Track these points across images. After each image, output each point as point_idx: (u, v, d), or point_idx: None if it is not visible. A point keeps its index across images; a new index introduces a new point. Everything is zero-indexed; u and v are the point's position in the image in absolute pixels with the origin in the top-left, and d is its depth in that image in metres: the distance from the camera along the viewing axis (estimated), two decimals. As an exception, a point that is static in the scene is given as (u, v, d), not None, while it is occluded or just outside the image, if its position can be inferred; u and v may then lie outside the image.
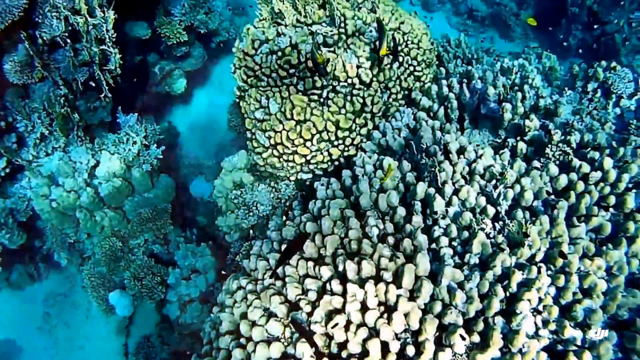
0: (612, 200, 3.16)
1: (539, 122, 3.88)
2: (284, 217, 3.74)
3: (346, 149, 4.11)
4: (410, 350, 2.46)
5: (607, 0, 7.06)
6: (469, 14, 8.46)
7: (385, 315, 2.54)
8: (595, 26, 7.35)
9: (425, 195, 3.05)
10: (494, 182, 3.13)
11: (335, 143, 4.05)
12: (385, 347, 2.47)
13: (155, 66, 6.52)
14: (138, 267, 5.36)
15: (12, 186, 5.55)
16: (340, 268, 2.78)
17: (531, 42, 8.00)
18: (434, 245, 2.87)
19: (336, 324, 2.53)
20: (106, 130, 5.56)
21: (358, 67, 4.12)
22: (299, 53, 4.07)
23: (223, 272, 4.37)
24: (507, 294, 2.61)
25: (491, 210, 2.94)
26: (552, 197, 3.20)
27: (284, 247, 3.20)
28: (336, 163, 4.19)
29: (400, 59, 4.38)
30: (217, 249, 5.43)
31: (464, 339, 2.40)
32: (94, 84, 5.13)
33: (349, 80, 4.06)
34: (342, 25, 4.20)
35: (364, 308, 2.59)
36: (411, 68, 4.47)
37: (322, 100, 4.06)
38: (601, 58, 6.84)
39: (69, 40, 4.87)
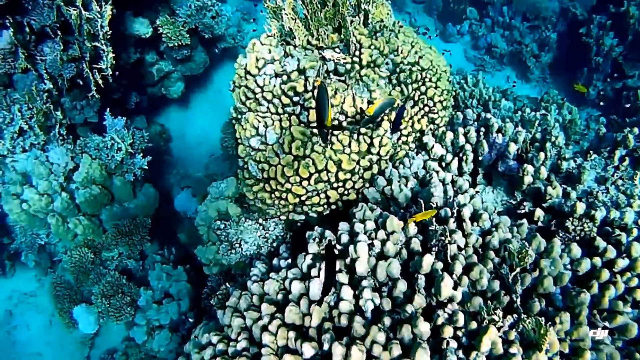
0: (640, 295, 2.81)
1: (561, 190, 3.53)
2: (268, 266, 3.36)
3: (346, 192, 3.73)
4: None
5: (634, 54, 6.75)
6: (487, 49, 8.13)
7: (372, 419, 2.17)
8: (614, 76, 7.04)
9: (432, 270, 2.67)
10: (509, 262, 2.75)
11: (335, 185, 3.67)
12: None
13: (153, 66, 6.13)
14: (107, 283, 4.95)
15: (-19, 179, 5.14)
16: (326, 347, 2.40)
17: (549, 87, 7.68)
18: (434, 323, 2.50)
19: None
20: (91, 131, 5.16)
21: (369, 102, 3.75)
22: (307, 80, 3.70)
23: (191, 320, 3.97)
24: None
25: (505, 298, 2.57)
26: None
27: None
28: (333, 207, 3.81)
29: (416, 98, 4.02)
30: (194, 275, 5.03)
31: None
32: (81, 82, 4.74)
33: (358, 117, 3.69)
34: (357, 53, 3.82)
35: (348, 405, 2.22)
36: (426, 109, 4.11)
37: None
38: (621, 112, 6.54)
39: (59, 32, 4.47)
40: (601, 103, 6.85)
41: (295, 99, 3.67)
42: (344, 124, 3.66)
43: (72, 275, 5.17)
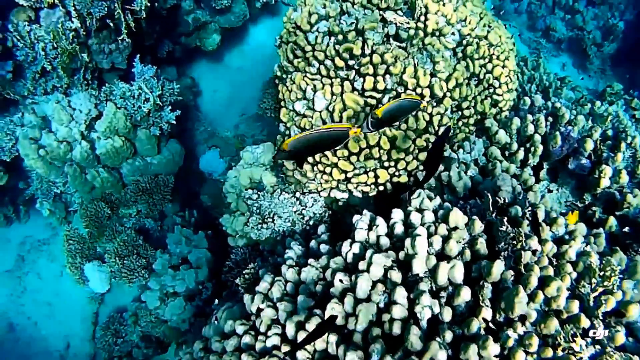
0: None
1: (643, 199, 3.11)
2: (304, 249, 3.00)
3: (397, 173, 3.33)
4: None
5: None
6: (544, 32, 7.53)
7: None
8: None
9: (501, 279, 2.28)
10: (590, 280, 2.34)
11: (386, 164, 3.27)
12: None
13: (189, 14, 5.70)
14: (123, 242, 4.64)
15: (-1, 119, 4.79)
16: (374, 359, 2.05)
17: (607, 80, 7.11)
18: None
19: None
20: (117, 78, 4.78)
21: (432, 75, 3.32)
22: (365, 42, 3.27)
23: (215, 306, 3.62)
24: None
25: (585, 322, 2.17)
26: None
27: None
28: (381, 188, 3.42)
29: (481, 76, 3.58)
30: (216, 243, 4.70)
31: None
32: (111, 23, 4.34)
33: (418, 90, 3.26)
34: (422, 19, 3.38)
35: None
36: (491, 89, 3.67)
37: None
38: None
39: (92, -34, 4.07)
40: None
41: (351, 62, 3.26)
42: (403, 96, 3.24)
43: (86, 230, 4.88)
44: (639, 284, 2.45)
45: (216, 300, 3.12)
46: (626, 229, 3.09)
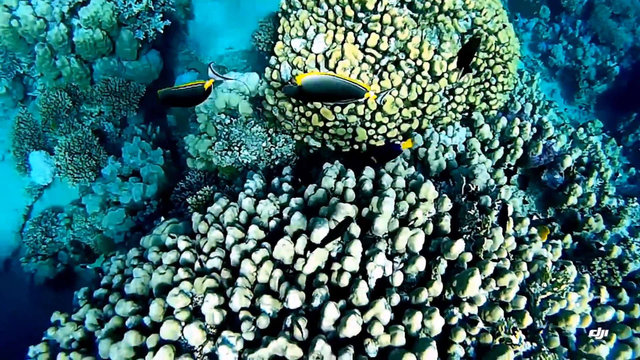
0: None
1: (603, 227, 3.15)
2: (265, 184, 2.89)
3: (375, 136, 3.26)
4: None
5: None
6: (544, 55, 7.56)
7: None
8: None
9: (458, 259, 2.24)
10: (541, 282, 2.35)
11: (367, 124, 3.19)
12: None
13: None
14: (77, 138, 4.41)
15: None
16: (315, 304, 1.98)
17: (588, 116, 7.23)
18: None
19: None
20: (115, -31, 4.49)
21: (435, 51, 3.24)
22: (380, 0, 3.15)
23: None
24: None
25: (527, 320, 2.17)
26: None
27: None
28: (355, 147, 3.34)
29: (480, 69, 3.52)
30: (172, 163, 4.54)
31: None
32: None
33: (419, 62, 3.18)
34: (442, -6, 3.29)
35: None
36: (486, 84, 3.62)
37: (377, 67, 3.17)
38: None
39: None
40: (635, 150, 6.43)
41: (361, 15, 3.14)
42: (402, 63, 3.15)
43: (41, 117, 4.60)
44: (582, 299, 2.48)
45: (162, 218, 2.97)
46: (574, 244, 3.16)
